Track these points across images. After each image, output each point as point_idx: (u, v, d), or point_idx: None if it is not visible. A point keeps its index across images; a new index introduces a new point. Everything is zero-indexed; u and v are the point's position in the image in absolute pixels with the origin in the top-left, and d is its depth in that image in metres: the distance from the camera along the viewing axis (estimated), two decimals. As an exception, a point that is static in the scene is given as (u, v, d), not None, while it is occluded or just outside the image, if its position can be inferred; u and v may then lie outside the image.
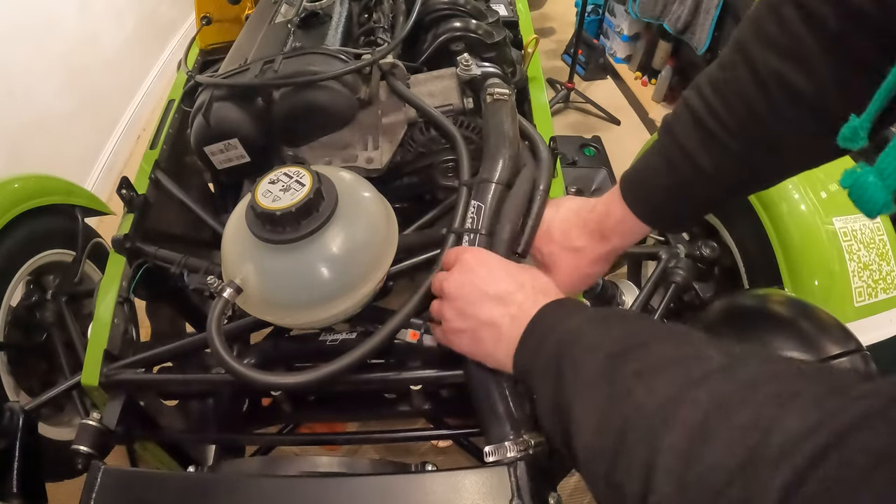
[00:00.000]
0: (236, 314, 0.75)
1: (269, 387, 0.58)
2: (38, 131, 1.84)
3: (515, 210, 0.67)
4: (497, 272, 0.56)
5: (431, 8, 0.96)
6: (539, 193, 0.68)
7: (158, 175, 0.94)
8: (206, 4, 1.22)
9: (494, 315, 0.53)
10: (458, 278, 0.57)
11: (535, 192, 0.68)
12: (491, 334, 0.53)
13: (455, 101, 0.80)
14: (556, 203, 0.68)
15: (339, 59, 0.80)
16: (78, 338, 1.08)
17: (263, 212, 0.56)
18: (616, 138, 2.37)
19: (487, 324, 0.53)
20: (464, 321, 0.55)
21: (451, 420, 0.84)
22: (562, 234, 0.65)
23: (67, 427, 1.16)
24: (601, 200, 0.62)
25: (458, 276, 0.57)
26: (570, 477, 1.36)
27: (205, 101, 0.79)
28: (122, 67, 2.37)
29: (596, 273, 0.64)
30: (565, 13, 3.03)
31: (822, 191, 0.90)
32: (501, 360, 0.53)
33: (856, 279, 0.86)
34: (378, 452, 1.40)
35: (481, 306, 0.54)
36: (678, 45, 2.41)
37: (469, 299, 0.55)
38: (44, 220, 1.15)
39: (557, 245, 0.65)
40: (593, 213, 0.62)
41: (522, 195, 0.68)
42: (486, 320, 0.53)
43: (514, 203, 0.67)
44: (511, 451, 0.54)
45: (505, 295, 0.54)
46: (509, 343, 0.52)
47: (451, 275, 0.58)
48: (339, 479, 0.59)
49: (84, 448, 0.68)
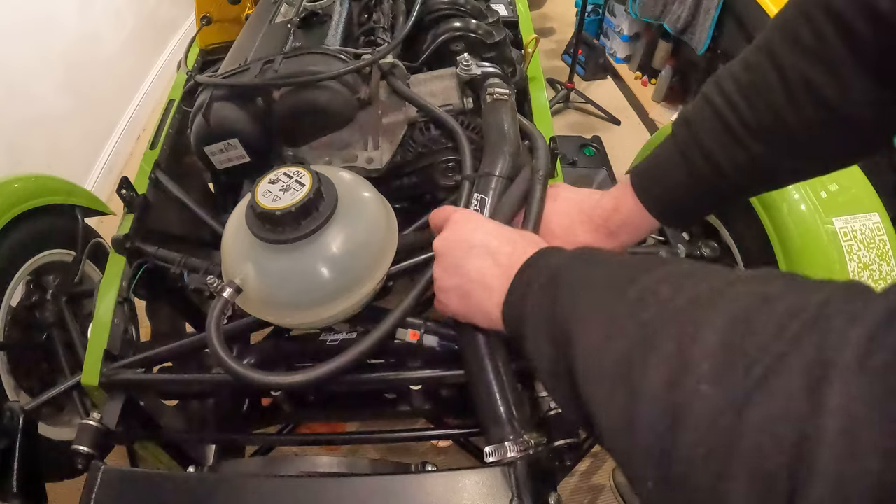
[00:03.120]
0: (236, 314, 0.75)
1: (268, 387, 0.58)
2: (37, 131, 1.84)
3: (515, 195, 0.65)
4: (485, 226, 0.54)
5: (431, 8, 0.96)
6: (539, 178, 0.67)
7: (158, 175, 0.94)
8: (206, 4, 1.22)
9: (482, 267, 0.51)
10: (445, 235, 0.55)
11: (533, 175, 0.67)
12: (479, 287, 0.51)
13: (455, 101, 0.80)
14: (554, 194, 0.66)
15: (339, 59, 0.80)
16: (78, 338, 1.08)
17: (263, 212, 0.56)
18: (616, 138, 2.37)
19: (475, 278, 0.51)
20: (451, 278, 0.53)
21: (451, 420, 0.85)
22: (564, 228, 0.63)
23: (67, 427, 1.16)
24: (608, 195, 0.60)
25: (446, 234, 0.55)
26: (570, 477, 1.36)
27: (205, 101, 0.79)
28: (122, 67, 2.37)
29: None
30: (565, 13, 3.03)
31: (822, 191, 0.90)
32: (492, 314, 0.50)
33: (856, 279, 0.86)
34: (378, 452, 1.40)
35: (468, 260, 0.52)
36: (678, 45, 2.41)
37: (455, 254, 0.53)
38: (44, 220, 1.15)
39: (560, 240, 0.62)
40: (599, 207, 0.61)
41: (523, 183, 0.67)
42: (474, 274, 0.51)
43: (512, 192, 0.66)
44: (511, 451, 0.54)
45: (493, 247, 0.51)
46: (499, 294, 0.49)
47: (439, 235, 0.56)
48: (339, 479, 0.59)
49: (84, 448, 0.68)
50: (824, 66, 0.45)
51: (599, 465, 1.40)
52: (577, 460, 0.64)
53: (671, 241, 1.05)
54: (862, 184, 0.93)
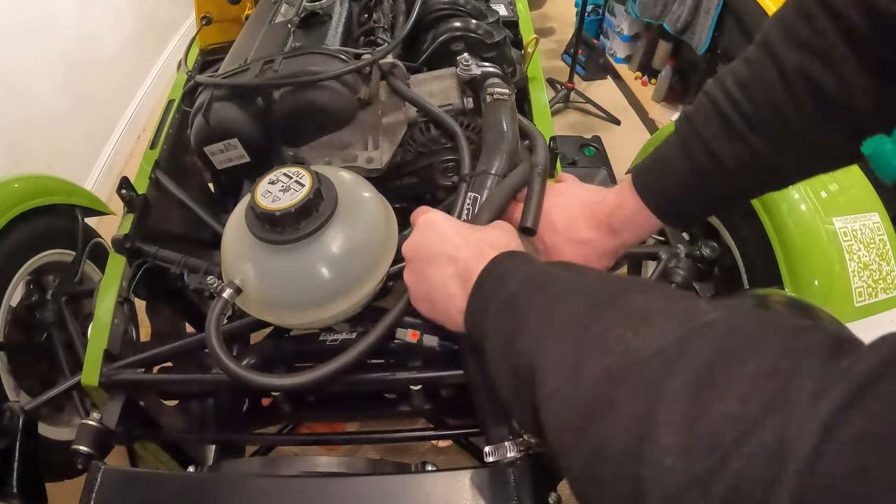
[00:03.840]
0: (236, 314, 0.76)
1: (267, 388, 0.58)
2: (37, 131, 1.84)
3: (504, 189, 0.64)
4: (444, 231, 0.53)
5: (431, 8, 0.96)
6: (538, 171, 0.66)
7: (158, 175, 0.94)
8: (206, 4, 1.22)
9: (444, 275, 0.51)
10: (411, 239, 0.55)
11: (532, 170, 0.66)
12: (442, 296, 0.51)
13: (455, 101, 0.80)
14: (557, 189, 0.66)
15: (339, 59, 0.80)
16: (78, 338, 1.08)
17: (263, 212, 0.56)
18: (616, 138, 2.37)
19: (438, 285, 0.51)
20: (419, 284, 0.54)
21: (451, 420, 0.85)
22: (566, 224, 0.62)
23: (67, 427, 1.16)
24: (611, 192, 0.60)
25: (412, 238, 0.55)
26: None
27: (205, 101, 0.79)
28: (122, 67, 2.37)
29: (602, 268, 0.62)
30: (565, 13, 3.03)
31: (822, 191, 0.90)
32: (457, 321, 0.50)
33: (856, 279, 0.86)
34: (378, 452, 1.40)
35: (431, 267, 0.52)
36: (678, 45, 2.41)
37: (420, 259, 0.53)
38: (44, 220, 1.15)
39: (562, 236, 0.62)
40: (602, 204, 0.60)
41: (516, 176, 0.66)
42: (437, 281, 0.51)
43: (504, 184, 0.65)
44: (511, 451, 0.54)
45: (452, 252, 0.51)
46: (461, 301, 0.49)
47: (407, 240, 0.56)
48: (338, 479, 0.59)
49: (84, 448, 0.68)
50: (823, 59, 0.45)
51: (599, 465, 1.39)
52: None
53: (671, 241, 1.05)
54: (862, 184, 0.93)
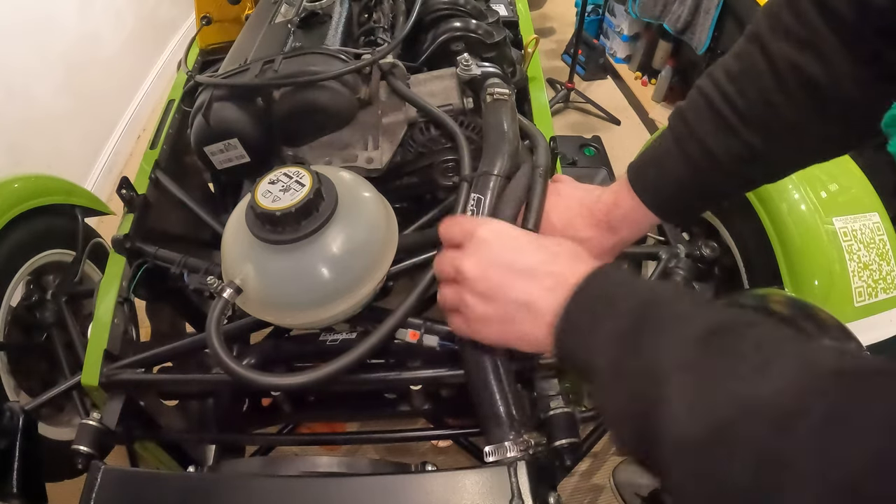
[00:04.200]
0: (236, 314, 0.76)
1: (267, 387, 0.58)
2: (37, 131, 1.84)
3: (515, 192, 0.64)
4: (521, 243, 0.50)
5: (431, 8, 0.96)
6: (539, 173, 0.66)
7: (158, 175, 0.94)
8: (206, 4, 1.22)
9: (529, 291, 0.47)
10: (476, 257, 0.50)
11: (534, 171, 0.66)
12: (526, 314, 0.47)
13: (455, 101, 0.80)
14: (555, 189, 0.66)
15: (339, 59, 0.80)
16: (78, 338, 1.08)
17: (263, 212, 0.56)
18: (616, 138, 2.37)
19: (521, 304, 0.47)
20: (491, 305, 0.49)
21: (451, 420, 0.84)
22: (564, 223, 0.62)
23: (67, 427, 1.16)
24: (608, 190, 0.60)
25: (477, 255, 0.50)
26: (570, 477, 1.36)
27: (205, 101, 0.79)
28: (122, 67, 2.37)
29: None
30: (565, 13, 3.03)
31: (822, 191, 0.90)
32: (540, 340, 0.47)
33: (856, 279, 0.86)
34: (378, 452, 1.40)
35: (511, 286, 0.47)
36: (678, 45, 2.41)
37: (494, 280, 0.48)
38: (44, 220, 1.15)
39: (559, 234, 0.61)
40: (599, 202, 0.60)
41: (523, 178, 0.66)
42: (520, 300, 0.47)
43: (514, 187, 0.65)
44: (511, 451, 0.54)
45: (537, 267, 0.47)
46: (550, 316, 0.45)
47: (464, 255, 0.50)
48: (339, 479, 0.59)
49: (84, 448, 0.68)
50: (812, 50, 0.45)
51: (599, 465, 1.40)
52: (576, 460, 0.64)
53: (671, 241, 1.05)
54: (862, 184, 0.93)
